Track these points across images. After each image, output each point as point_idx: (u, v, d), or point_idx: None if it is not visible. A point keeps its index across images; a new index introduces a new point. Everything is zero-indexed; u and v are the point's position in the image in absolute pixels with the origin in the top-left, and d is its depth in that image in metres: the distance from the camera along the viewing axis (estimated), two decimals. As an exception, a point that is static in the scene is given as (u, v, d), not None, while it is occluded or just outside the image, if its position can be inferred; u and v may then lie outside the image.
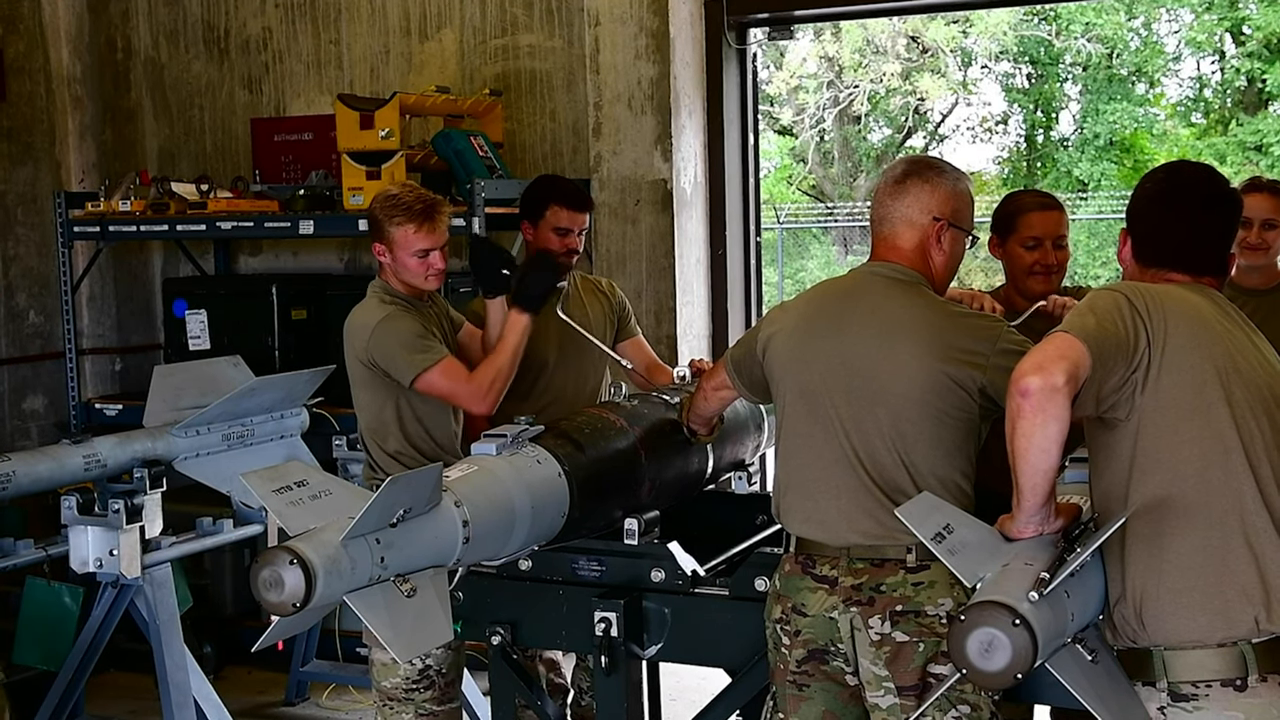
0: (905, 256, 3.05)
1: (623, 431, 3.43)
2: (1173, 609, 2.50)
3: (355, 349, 3.93)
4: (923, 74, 19.71)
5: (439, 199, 4.02)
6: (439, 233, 3.94)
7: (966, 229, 3.10)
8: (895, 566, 2.89)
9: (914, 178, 3.07)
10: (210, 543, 4.86)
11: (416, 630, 2.65)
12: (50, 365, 6.91)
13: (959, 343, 2.91)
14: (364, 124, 5.49)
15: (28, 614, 4.78)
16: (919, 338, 2.92)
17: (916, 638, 2.86)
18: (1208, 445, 2.52)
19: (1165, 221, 2.74)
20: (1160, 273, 2.72)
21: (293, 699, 5.78)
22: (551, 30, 6.24)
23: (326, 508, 2.64)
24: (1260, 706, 2.45)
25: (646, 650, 3.35)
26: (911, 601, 2.87)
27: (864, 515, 2.91)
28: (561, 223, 4.31)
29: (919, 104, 20.52)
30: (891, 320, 2.97)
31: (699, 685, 4.54)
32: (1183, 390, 2.52)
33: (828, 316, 3.06)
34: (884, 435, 2.92)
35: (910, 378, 2.90)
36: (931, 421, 2.90)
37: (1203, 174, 2.81)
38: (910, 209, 3.05)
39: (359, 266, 6.77)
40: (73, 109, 6.98)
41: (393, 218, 3.90)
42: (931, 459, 2.90)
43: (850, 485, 2.93)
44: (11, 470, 4.32)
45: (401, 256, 3.92)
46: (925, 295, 3.01)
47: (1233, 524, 2.50)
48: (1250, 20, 18.13)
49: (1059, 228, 3.76)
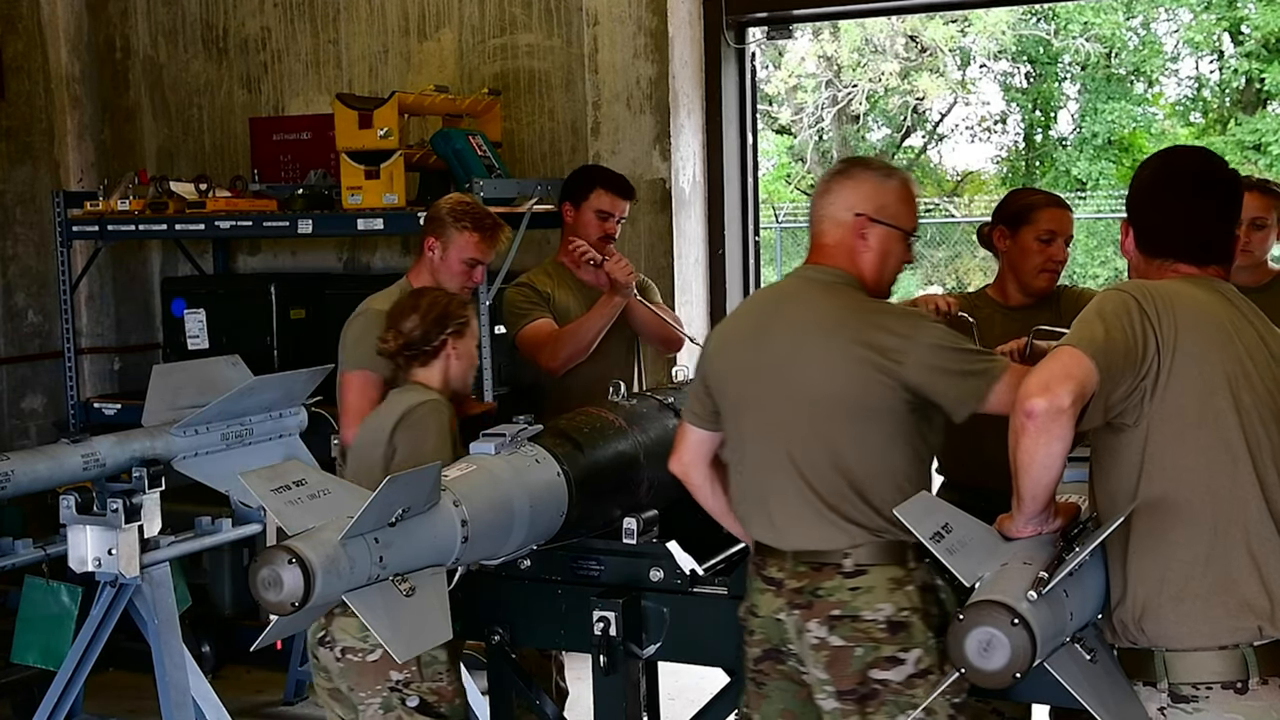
0: (832, 257, 3.02)
1: (621, 431, 3.43)
2: (1174, 617, 2.49)
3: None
4: (921, 73, 19.72)
5: (506, 227, 4.23)
6: (493, 251, 4.16)
7: (898, 225, 3.02)
8: (833, 571, 2.88)
9: (839, 176, 3.05)
10: (209, 542, 4.85)
11: (415, 630, 2.65)
12: (49, 365, 6.91)
13: (875, 340, 2.86)
14: (363, 123, 5.48)
15: (26, 613, 4.77)
16: (835, 338, 2.90)
17: (853, 642, 2.86)
18: (1215, 454, 2.50)
19: (1164, 211, 2.71)
20: (1166, 264, 2.70)
21: (291, 698, 5.78)
22: (550, 30, 6.24)
23: (325, 507, 2.64)
24: (1260, 709, 2.44)
25: (645, 649, 3.35)
26: (848, 606, 2.86)
27: (805, 520, 2.92)
28: (604, 206, 4.59)
29: (918, 103, 20.53)
30: (810, 323, 2.95)
31: (698, 685, 4.54)
32: (1191, 397, 2.50)
33: (755, 326, 3.06)
34: (813, 439, 2.91)
35: (828, 379, 2.89)
36: (854, 422, 2.88)
37: (1197, 158, 2.78)
38: (834, 207, 3.02)
39: (358, 266, 6.77)
40: (71, 108, 6.98)
41: (461, 220, 4.08)
42: (861, 459, 2.88)
43: (791, 490, 2.93)
44: (10, 469, 4.31)
45: (453, 258, 4.09)
46: (845, 295, 2.97)
47: (1236, 533, 2.48)
48: (1249, 20, 18.15)
49: (1070, 227, 3.84)
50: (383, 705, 3.43)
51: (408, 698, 3.41)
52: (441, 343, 3.58)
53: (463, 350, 3.63)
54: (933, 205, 20.65)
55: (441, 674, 3.44)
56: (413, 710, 3.41)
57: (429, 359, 3.58)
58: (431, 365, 3.59)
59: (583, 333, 4.37)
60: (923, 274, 18.68)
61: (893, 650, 2.84)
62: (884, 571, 2.86)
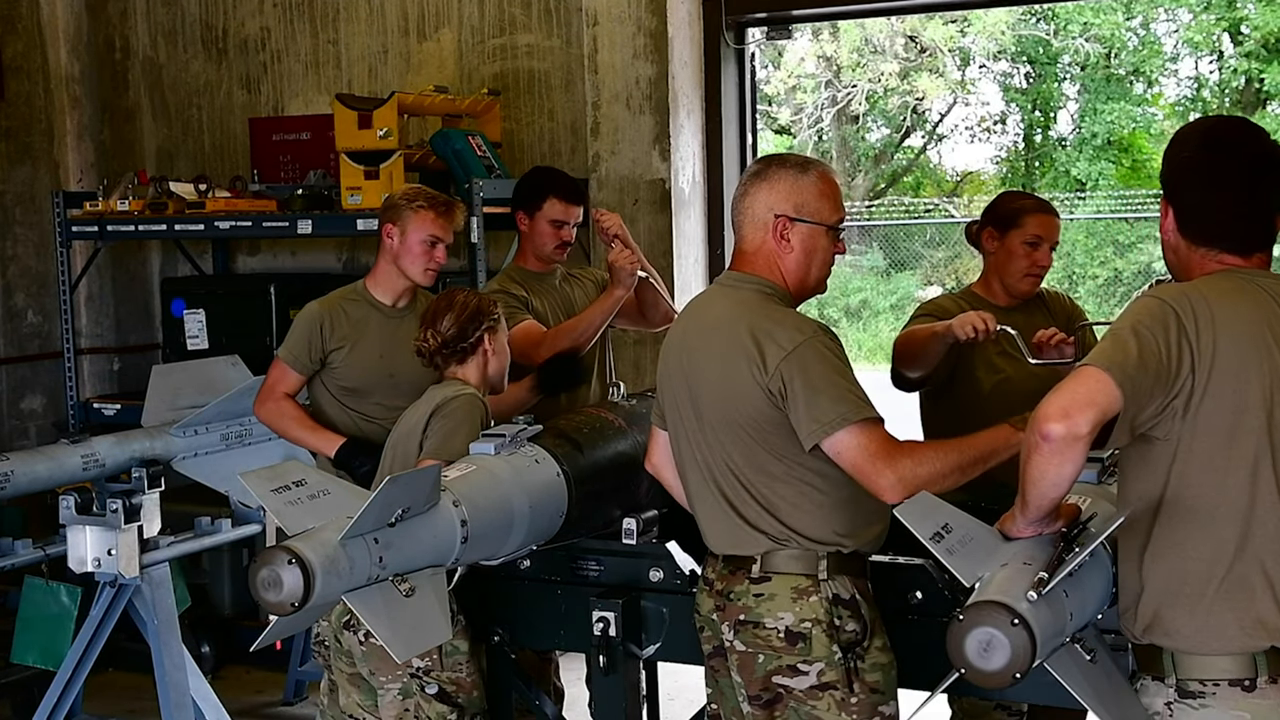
0: (750, 263, 2.96)
1: (621, 431, 3.43)
2: (1187, 626, 2.46)
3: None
4: (921, 73, 19.70)
5: (459, 203, 4.28)
6: (451, 229, 4.14)
7: (819, 221, 2.94)
8: (743, 575, 2.89)
9: (755, 178, 2.98)
10: (208, 542, 4.85)
11: (415, 630, 2.65)
12: (48, 365, 6.92)
13: (754, 349, 2.82)
14: (362, 124, 5.49)
15: (26, 613, 4.77)
16: (722, 347, 2.88)
17: (754, 649, 2.86)
18: (1242, 474, 2.43)
19: (1211, 196, 2.54)
20: (1211, 254, 2.55)
21: (291, 698, 5.78)
22: (550, 30, 6.24)
23: (325, 507, 2.64)
24: (1268, 708, 2.42)
25: (645, 649, 3.36)
26: (752, 612, 2.86)
27: (720, 524, 2.94)
28: (558, 215, 4.44)
29: (917, 103, 20.51)
30: (708, 331, 2.94)
31: (697, 684, 4.53)
32: (1225, 415, 2.41)
33: (680, 332, 3.06)
34: (717, 447, 2.91)
35: (715, 388, 2.88)
36: (741, 430, 2.86)
37: (1244, 134, 2.59)
38: (752, 210, 2.95)
39: (357, 266, 6.77)
40: (71, 109, 6.98)
41: (414, 201, 4.10)
42: (756, 468, 2.87)
43: (708, 495, 2.95)
44: (10, 470, 4.32)
45: (412, 239, 4.08)
46: (747, 303, 2.90)
47: (1255, 549, 2.43)
48: (1248, 20, 18.13)
49: (1056, 234, 3.92)
50: (402, 691, 3.47)
51: (426, 685, 3.46)
52: (478, 339, 3.66)
53: (498, 346, 3.73)
54: (932, 205, 20.66)
55: (461, 664, 3.48)
56: (430, 698, 3.46)
57: (466, 356, 3.66)
58: (469, 362, 3.67)
59: (582, 328, 4.34)
60: (922, 274, 18.67)
61: (793, 660, 2.83)
62: (788, 580, 2.85)
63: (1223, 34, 18.87)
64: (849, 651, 2.83)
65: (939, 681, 2.52)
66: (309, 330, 4.10)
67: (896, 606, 3.05)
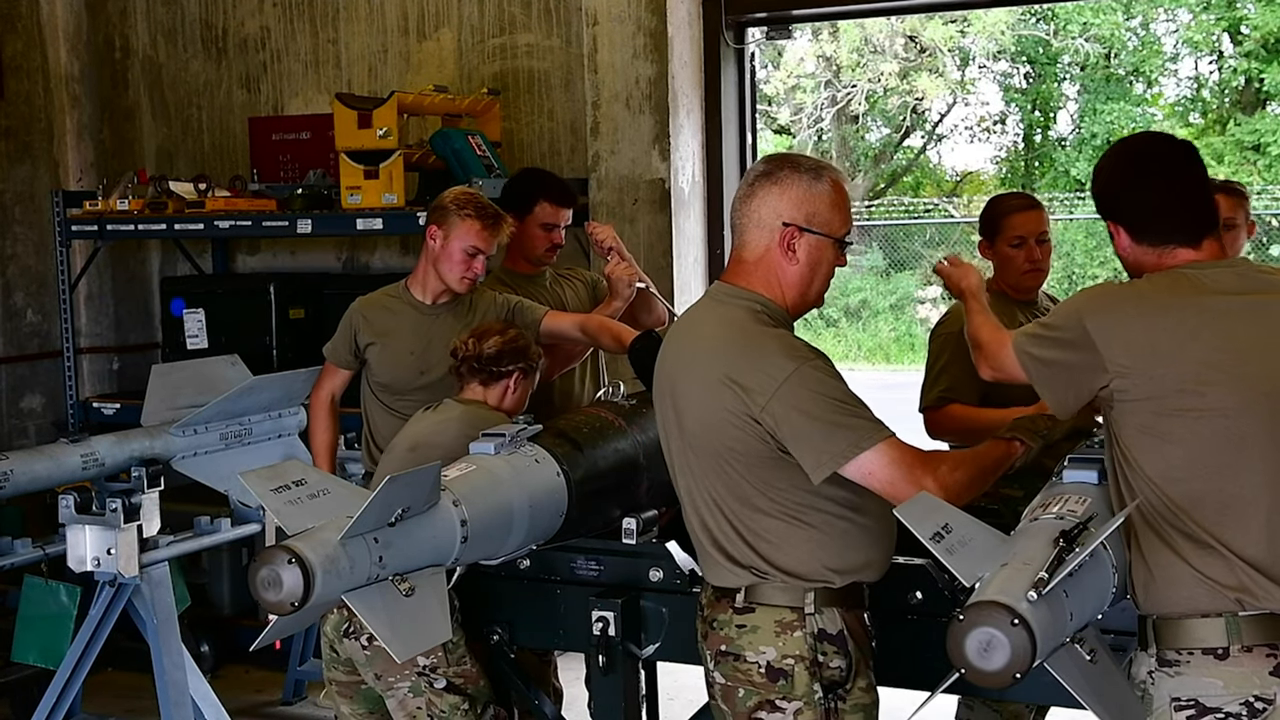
0: (747, 276, 2.80)
1: (621, 431, 3.43)
2: (1164, 586, 2.57)
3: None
4: (920, 73, 19.72)
5: (508, 217, 4.21)
6: (495, 242, 4.13)
7: (830, 234, 2.79)
8: (726, 604, 2.78)
9: (763, 179, 2.79)
10: (208, 542, 4.85)
11: (415, 629, 2.64)
12: (48, 364, 6.92)
13: (742, 378, 2.67)
14: (362, 123, 5.49)
15: (25, 612, 4.77)
16: (706, 373, 2.74)
17: (735, 684, 2.77)
18: (1230, 472, 2.56)
19: (1148, 196, 2.69)
20: (1167, 251, 2.68)
21: (290, 698, 5.78)
22: (549, 30, 6.24)
23: (324, 507, 2.64)
24: (1240, 675, 2.51)
25: (644, 649, 3.35)
26: (734, 644, 2.76)
27: (703, 553, 2.87)
28: (548, 218, 4.47)
29: (917, 103, 20.53)
30: (694, 353, 2.80)
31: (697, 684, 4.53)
32: (1219, 432, 2.55)
33: (666, 356, 2.93)
34: (699, 474, 2.80)
35: (695, 416, 2.76)
36: (721, 461, 2.73)
37: (1156, 138, 2.79)
38: (759, 214, 2.78)
39: (357, 266, 6.77)
40: (71, 108, 6.98)
41: (464, 208, 4.08)
42: (742, 500, 2.75)
43: (694, 521, 2.87)
44: (9, 469, 4.31)
45: (454, 246, 4.07)
46: (737, 324, 2.75)
47: (1201, 517, 2.56)
48: (1248, 20, 18.14)
49: (1040, 225, 3.99)
50: (411, 689, 3.49)
51: (435, 680, 3.47)
52: (509, 372, 3.69)
53: (522, 391, 3.75)
54: (932, 205, 20.67)
55: (465, 658, 3.50)
56: (441, 691, 3.48)
57: (491, 381, 3.69)
58: (491, 388, 3.70)
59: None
60: (922, 274, 18.67)
61: (773, 696, 2.73)
62: (772, 614, 2.73)
63: (1222, 34, 18.88)
64: (831, 691, 2.74)
65: (939, 681, 2.51)
66: (346, 326, 4.20)
67: (896, 606, 3.05)
